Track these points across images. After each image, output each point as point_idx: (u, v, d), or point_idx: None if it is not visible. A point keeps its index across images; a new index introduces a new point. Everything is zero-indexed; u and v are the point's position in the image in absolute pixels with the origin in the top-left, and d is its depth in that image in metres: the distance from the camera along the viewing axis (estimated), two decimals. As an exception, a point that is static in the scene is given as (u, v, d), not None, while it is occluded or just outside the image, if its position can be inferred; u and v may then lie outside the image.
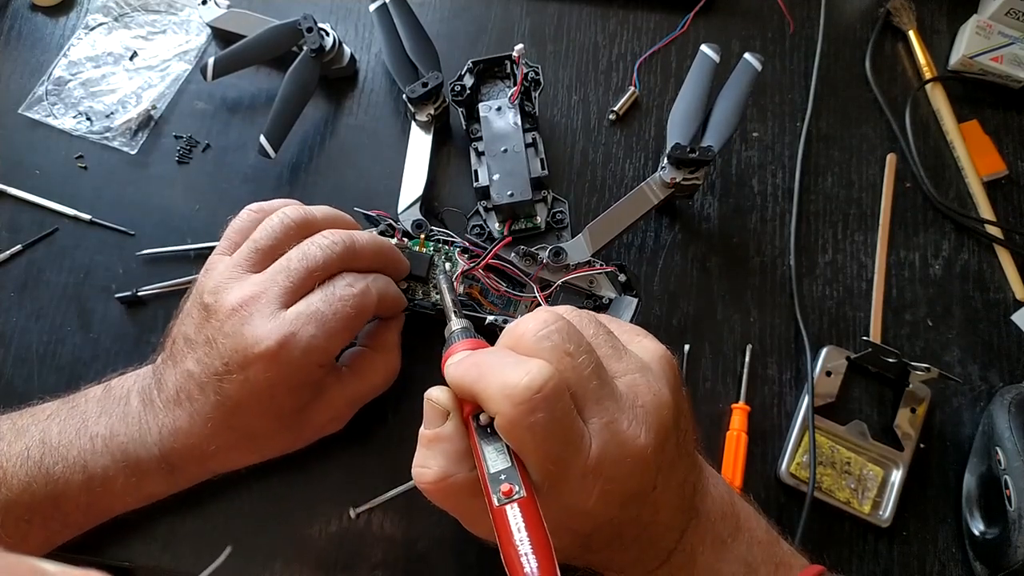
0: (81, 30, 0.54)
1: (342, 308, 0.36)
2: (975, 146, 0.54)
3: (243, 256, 0.38)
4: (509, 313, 0.44)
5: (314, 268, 0.37)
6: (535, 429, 0.27)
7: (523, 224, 0.47)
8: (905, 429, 0.46)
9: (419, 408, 0.47)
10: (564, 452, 0.28)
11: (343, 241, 0.38)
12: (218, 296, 0.37)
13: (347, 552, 0.44)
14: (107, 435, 0.38)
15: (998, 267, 0.52)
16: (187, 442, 0.37)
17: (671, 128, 0.46)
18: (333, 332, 0.36)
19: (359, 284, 0.37)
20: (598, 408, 0.29)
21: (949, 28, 0.58)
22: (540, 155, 0.47)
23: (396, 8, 0.50)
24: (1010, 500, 0.42)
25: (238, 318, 0.36)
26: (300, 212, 0.39)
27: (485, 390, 0.29)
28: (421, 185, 0.47)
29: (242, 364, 0.35)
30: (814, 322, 0.50)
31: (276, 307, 0.36)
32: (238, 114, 0.53)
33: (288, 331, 0.35)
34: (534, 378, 0.27)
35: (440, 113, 0.49)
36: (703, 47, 0.48)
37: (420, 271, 0.44)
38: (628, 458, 0.29)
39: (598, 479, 0.29)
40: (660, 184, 0.47)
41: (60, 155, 0.51)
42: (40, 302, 0.48)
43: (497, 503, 0.28)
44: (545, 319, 0.30)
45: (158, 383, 0.38)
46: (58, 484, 0.37)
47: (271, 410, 0.37)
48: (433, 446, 0.32)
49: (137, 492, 0.39)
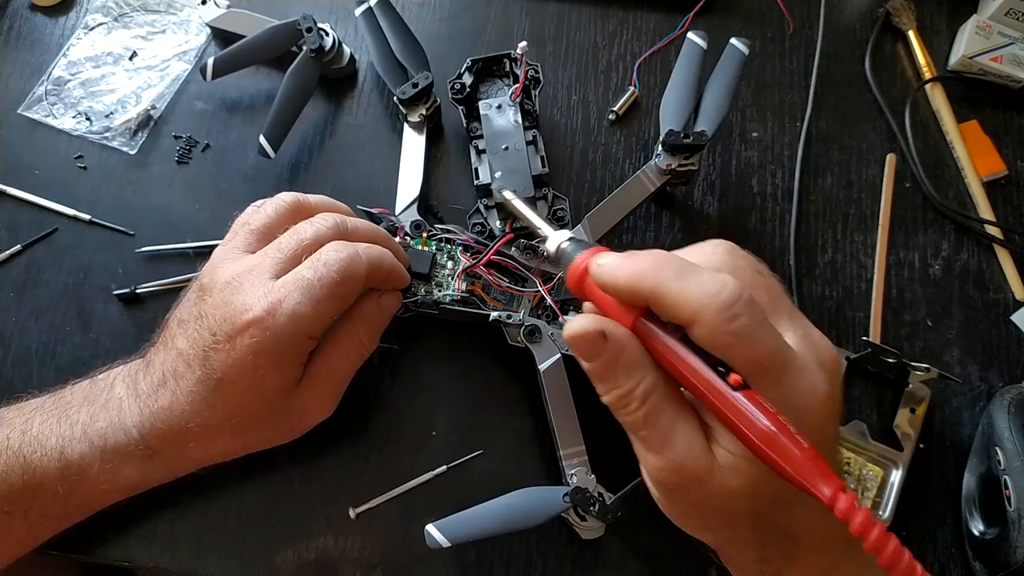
0: (81, 30, 0.54)
1: (327, 273, 0.36)
2: (975, 146, 0.54)
3: (240, 239, 0.39)
4: (512, 309, 0.45)
5: (305, 240, 0.38)
6: (741, 333, 0.26)
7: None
8: (905, 429, 0.46)
9: (419, 408, 0.47)
10: (777, 344, 0.27)
11: (336, 221, 0.39)
12: (214, 275, 0.38)
13: (347, 552, 0.44)
14: (87, 421, 0.38)
15: (998, 267, 0.52)
16: (168, 420, 0.37)
17: (663, 115, 0.46)
18: (320, 298, 0.36)
19: (346, 250, 0.37)
20: (792, 323, 0.29)
21: (949, 28, 0.58)
22: (540, 152, 0.47)
23: (381, 11, 0.50)
24: (1010, 500, 0.42)
25: (230, 289, 0.37)
26: (295, 196, 0.41)
27: (679, 295, 0.26)
28: (417, 186, 0.47)
29: (230, 334, 0.36)
30: (814, 322, 0.49)
31: (266, 276, 0.37)
32: (238, 114, 0.53)
33: (275, 298, 0.35)
34: (735, 287, 0.26)
35: (432, 113, 0.49)
36: (690, 34, 0.48)
37: (423, 268, 0.44)
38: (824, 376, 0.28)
39: (821, 369, 0.27)
40: (656, 171, 0.47)
41: (60, 155, 0.51)
42: (40, 302, 0.48)
43: (730, 392, 0.25)
44: (730, 244, 0.31)
45: (146, 367, 0.39)
46: (35, 473, 0.37)
47: (254, 386, 0.37)
48: (613, 368, 0.28)
49: (114, 479, 0.38)
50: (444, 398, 0.47)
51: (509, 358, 0.45)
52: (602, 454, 0.46)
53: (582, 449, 0.42)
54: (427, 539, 0.39)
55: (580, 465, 0.42)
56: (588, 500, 0.40)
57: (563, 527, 0.43)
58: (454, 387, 0.47)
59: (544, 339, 0.43)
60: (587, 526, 0.41)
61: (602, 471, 0.42)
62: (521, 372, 0.46)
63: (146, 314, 0.48)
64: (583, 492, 0.40)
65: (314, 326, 0.37)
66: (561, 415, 0.42)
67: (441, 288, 0.44)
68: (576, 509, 0.40)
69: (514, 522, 0.40)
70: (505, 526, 0.40)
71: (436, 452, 0.46)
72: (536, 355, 0.43)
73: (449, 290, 0.44)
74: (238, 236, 0.40)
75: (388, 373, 0.47)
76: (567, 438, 0.42)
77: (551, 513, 0.40)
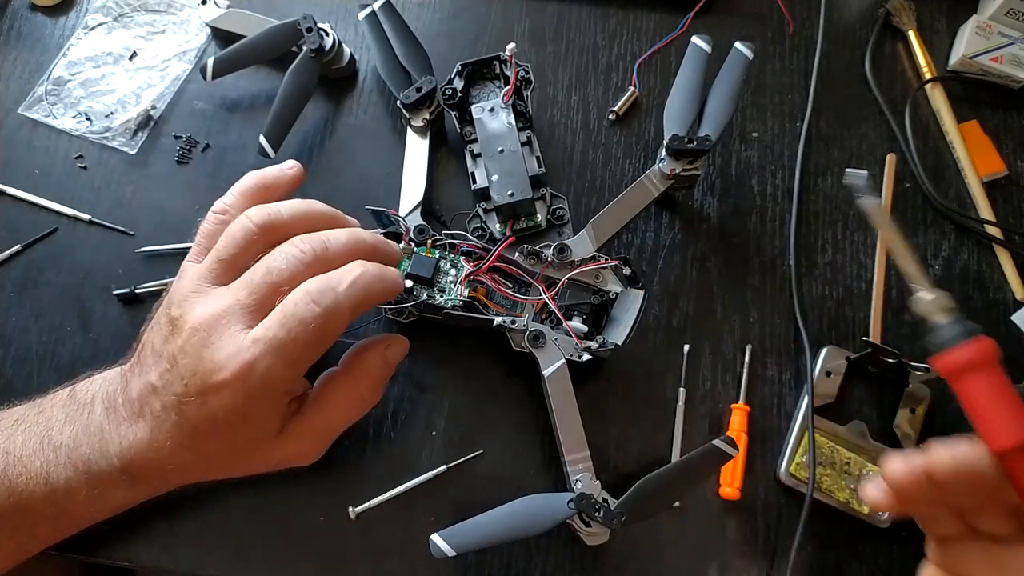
0: (81, 30, 0.54)
1: (302, 333, 0.33)
2: (975, 146, 0.54)
3: (207, 268, 0.36)
4: (516, 314, 0.44)
5: (280, 283, 0.35)
6: None
7: (524, 223, 0.47)
8: (905, 429, 0.46)
9: (419, 408, 0.47)
10: None
11: (312, 250, 0.35)
12: (183, 310, 0.35)
13: (347, 552, 0.44)
14: (70, 445, 0.37)
15: (998, 267, 0.52)
16: (147, 456, 0.36)
17: (667, 119, 0.46)
18: (294, 359, 0.34)
19: (325, 300, 0.33)
20: None
21: (949, 28, 0.58)
22: (536, 153, 0.47)
23: (385, 15, 0.50)
24: (1010, 500, 0.42)
25: (198, 339, 0.34)
26: (263, 216, 0.36)
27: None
28: (420, 190, 0.47)
29: (200, 390, 0.34)
30: (814, 322, 0.50)
31: (237, 328, 0.34)
32: (238, 114, 0.53)
33: (245, 360, 0.33)
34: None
35: (436, 117, 0.49)
36: (694, 38, 0.48)
37: (426, 273, 0.43)
38: None
39: None
40: (660, 176, 0.47)
41: (60, 155, 0.51)
42: (40, 302, 0.48)
43: None
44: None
45: (124, 389, 0.37)
46: (22, 496, 0.36)
47: (228, 439, 0.36)
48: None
49: (101, 503, 0.38)
50: (444, 398, 0.47)
51: (509, 359, 0.45)
52: (606, 459, 0.46)
53: (586, 455, 0.42)
54: (432, 549, 0.38)
55: (584, 471, 0.41)
56: (593, 506, 0.39)
57: (563, 527, 0.43)
58: (454, 387, 0.47)
59: (548, 344, 0.43)
60: (591, 532, 0.41)
61: (605, 476, 0.42)
62: (521, 373, 0.46)
63: (146, 314, 0.47)
64: (588, 498, 0.40)
65: (289, 384, 0.35)
66: (565, 420, 0.42)
67: (444, 293, 0.44)
68: (581, 515, 0.40)
69: (519, 529, 0.39)
70: (510, 533, 0.39)
71: (436, 452, 0.46)
72: (540, 360, 0.43)
73: (452, 296, 0.44)
74: (206, 263, 0.37)
75: (388, 373, 0.47)
76: (571, 443, 0.42)
77: (556, 520, 0.39)
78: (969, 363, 0.29)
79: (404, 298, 0.43)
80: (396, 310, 0.44)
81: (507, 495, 0.41)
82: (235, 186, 0.40)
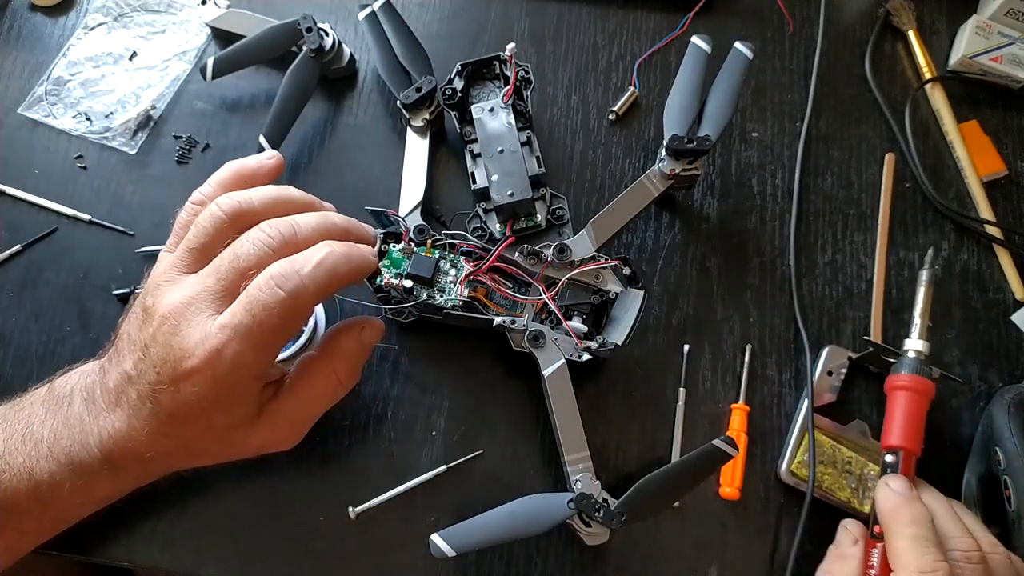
0: (80, 30, 0.54)
1: (267, 318, 0.33)
2: (975, 146, 0.54)
3: (179, 256, 0.37)
4: (516, 314, 0.44)
5: (247, 268, 0.34)
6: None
7: (524, 223, 0.47)
8: (905, 429, 0.47)
9: (419, 408, 0.47)
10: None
11: (280, 234, 0.35)
12: (155, 298, 0.35)
13: (347, 552, 0.44)
14: (51, 439, 0.37)
15: (997, 267, 0.52)
16: (126, 445, 0.36)
17: (667, 120, 0.46)
18: (261, 344, 0.34)
19: (289, 283, 0.33)
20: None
21: (949, 28, 0.58)
22: (536, 153, 0.47)
23: (385, 15, 0.50)
24: (1010, 500, 0.42)
25: (168, 327, 0.34)
26: (232, 203, 0.36)
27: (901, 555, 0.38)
28: (420, 191, 0.47)
29: (172, 378, 0.34)
30: (814, 322, 0.50)
31: (206, 315, 0.34)
32: (237, 114, 0.53)
33: (212, 347, 0.33)
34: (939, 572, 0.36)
35: (435, 117, 0.49)
36: (694, 38, 0.48)
37: (426, 273, 0.43)
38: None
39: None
40: (659, 176, 0.47)
41: (59, 155, 0.51)
42: (39, 302, 0.48)
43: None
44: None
45: (102, 379, 0.37)
46: (6, 493, 0.36)
47: (203, 424, 0.36)
48: (842, 561, 0.42)
49: (85, 495, 0.38)
50: (444, 398, 0.47)
51: (509, 359, 0.45)
52: (606, 459, 0.46)
53: (586, 455, 0.42)
54: (432, 549, 0.38)
55: (584, 471, 0.41)
56: (593, 506, 0.39)
57: (563, 527, 0.43)
58: (454, 387, 0.47)
59: (548, 344, 0.43)
60: (591, 532, 0.41)
61: (605, 476, 0.42)
62: (521, 372, 0.46)
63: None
64: (588, 498, 0.40)
65: (259, 368, 0.35)
66: (565, 420, 0.42)
67: (444, 293, 0.44)
68: (581, 515, 0.40)
69: (519, 529, 0.39)
70: (510, 534, 0.39)
71: (436, 452, 0.46)
72: (540, 360, 0.43)
73: (452, 296, 0.44)
74: (178, 252, 0.37)
75: (388, 373, 0.47)
76: (571, 443, 0.42)
77: (556, 520, 0.39)
78: (903, 387, 0.43)
79: (404, 298, 0.43)
80: (396, 310, 0.44)
81: (507, 495, 0.41)
82: (213, 176, 0.40)
